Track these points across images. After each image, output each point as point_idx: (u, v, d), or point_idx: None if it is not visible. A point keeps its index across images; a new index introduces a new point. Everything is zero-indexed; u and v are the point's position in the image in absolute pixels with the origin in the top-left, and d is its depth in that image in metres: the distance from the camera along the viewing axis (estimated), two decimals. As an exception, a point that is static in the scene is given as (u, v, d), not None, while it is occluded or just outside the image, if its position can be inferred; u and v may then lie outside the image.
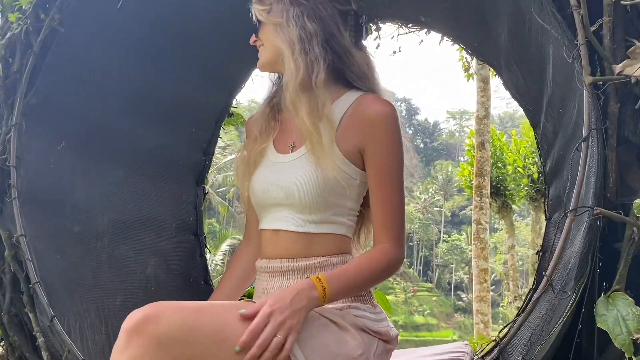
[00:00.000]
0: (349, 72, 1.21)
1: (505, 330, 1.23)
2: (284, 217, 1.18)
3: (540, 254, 1.85)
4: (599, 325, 0.98)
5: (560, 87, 1.46)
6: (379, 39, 2.51)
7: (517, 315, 1.86)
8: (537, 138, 1.93)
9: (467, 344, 1.63)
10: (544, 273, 1.03)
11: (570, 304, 0.99)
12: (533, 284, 1.86)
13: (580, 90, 1.06)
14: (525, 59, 1.62)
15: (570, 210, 1.03)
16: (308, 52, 1.13)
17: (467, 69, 9.34)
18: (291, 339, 0.93)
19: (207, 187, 2.30)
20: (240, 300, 1.48)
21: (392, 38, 2.55)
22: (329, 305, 1.09)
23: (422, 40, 3.08)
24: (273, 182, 1.19)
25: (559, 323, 1.00)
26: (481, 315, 6.96)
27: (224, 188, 29.36)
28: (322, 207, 1.15)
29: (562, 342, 1.09)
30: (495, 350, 1.58)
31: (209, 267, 2.29)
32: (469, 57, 9.35)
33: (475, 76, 8.10)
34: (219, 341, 0.90)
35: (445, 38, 2.17)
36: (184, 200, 2.20)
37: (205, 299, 1.44)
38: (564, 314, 1.00)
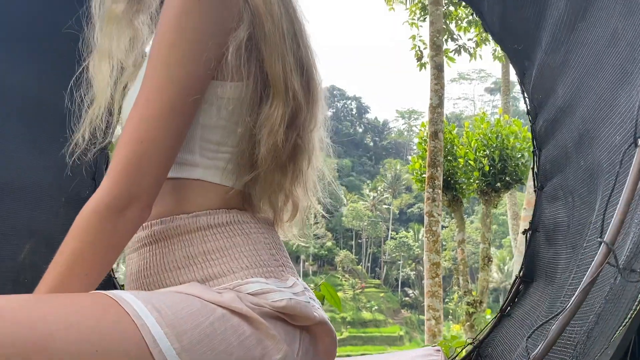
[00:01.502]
0: None
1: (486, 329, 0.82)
2: None
3: (530, 233, 1.48)
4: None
5: (574, 6, 1.09)
6: None
7: (503, 312, 1.49)
8: (524, 87, 1.56)
9: (438, 350, 1.26)
10: (600, 240, 0.63)
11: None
12: (520, 274, 1.49)
13: None
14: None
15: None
16: None
17: (419, 58, 9.15)
18: None
19: (110, 154, 1.80)
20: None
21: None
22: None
23: None
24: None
25: (627, 320, 0.60)
26: (432, 311, 6.73)
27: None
28: None
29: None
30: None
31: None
32: (421, 45, 9.20)
33: (428, 64, 7.90)
34: None
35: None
36: (77, 168, 1.69)
37: None
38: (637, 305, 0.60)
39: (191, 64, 0.77)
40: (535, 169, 1.52)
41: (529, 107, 1.58)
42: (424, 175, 9.58)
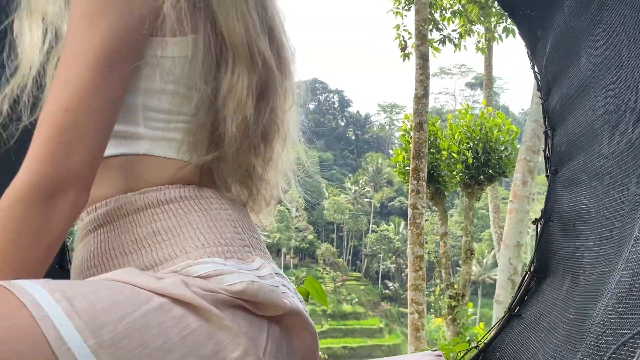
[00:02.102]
0: None
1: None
2: None
3: (541, 223, 1.31)
4: None
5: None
6: None
7: (512, 312, 1.32)
8: (534, 60, 1.39)
9: (440, 355, 1.09)
10: None
11: None
12: (530, 269, 1.32)
13: None
14: None
15: None
16: None
17: (403, 48, 8.99)
18: None
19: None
20: None
21: None
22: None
23: None
24: None
25: None
26: (415, 305, 6.61)
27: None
28: None
29: None
30: None
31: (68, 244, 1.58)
32: (406, 34, 9.04)
33: (413, 54, 7.75)
34: None
35: None
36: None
37: None
38: None
39: (118, 15, 0.64)
40: (548, 152, 1.35)
41: (540, 83, 1.40)
42: (407, 168, 9.46)
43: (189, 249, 0.67)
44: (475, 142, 9.07)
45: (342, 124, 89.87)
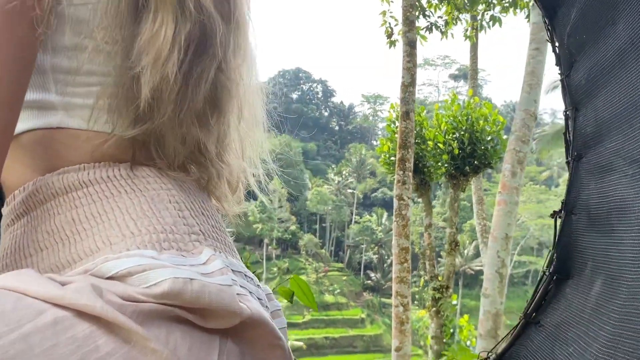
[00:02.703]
0: None
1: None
2: None
3: (563, 217, 1.14)
4: None
5: None
6: None
7: (528, 318, 1.15)
8: (554, 31, 1.22)
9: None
10: None
11: None
12: (549, 269, 1.15)
13: None
14: None
15: None
16: None
17: (389, 35, 8.80)
18: None
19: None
20: None
21: None
22: None
23: None
24: None
25: None
26: (400, 298, 6.49)
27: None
28: None
29: None
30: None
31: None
32: (392, 21, 8.84)
33: (399, 41, 7.56)
34: None
35: None
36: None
37: None
38: None
39: None
40: (568, 135, 1.18)
41: (560, 56, 1.23)
42: (392, 158, 9.32)
43: (114, 240, 0.50)
44: (462, 133, 8.97)
45: (326, 114, 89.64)
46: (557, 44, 1.26)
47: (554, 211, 1.16)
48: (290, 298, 1.51)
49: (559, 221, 1.16)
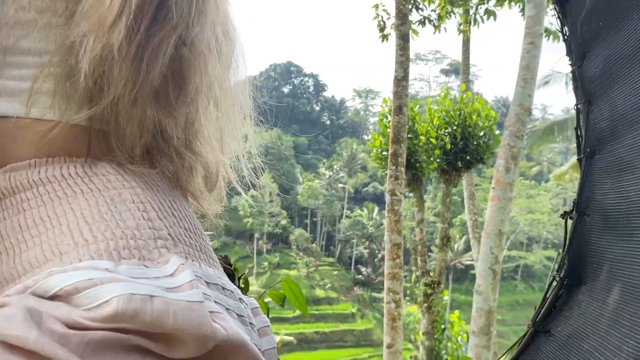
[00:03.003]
0: None
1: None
2: None
3: (575, 216, 1.06)
4: None
5: None
6: None
7: (537, 327, 1.08)
8: (565, 18, 1.13)
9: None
10: None
11: None
12: (559, 273, 1.07)
13: None
14: None
15: None
16: None
17: (382, 29, 8.71)
18: None
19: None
20: None
21: None
22: None
23: None
24: None
25: None
26: (392, 294, 6.43)
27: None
28: None
29: None
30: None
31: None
32: (384, 14, 8.75)
33: (393, 34, 7.47)
34: None
35: None
36: None
37: None
38: None
39: None
40: (580, 130, 1.10)
41: (571, 46, 1.15)
42: (384, 153, 9.24)
43: (65, 248, 0.41)
44: (454, 128, 8.92)
45: (317, 108, 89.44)
46: (567, 33, 1.18)
47: (565, 211, 1.08)
48: (281, 302, 1.43)
49: (569, 222, 1.08)
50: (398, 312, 6.39)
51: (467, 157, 8.91)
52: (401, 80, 6.75)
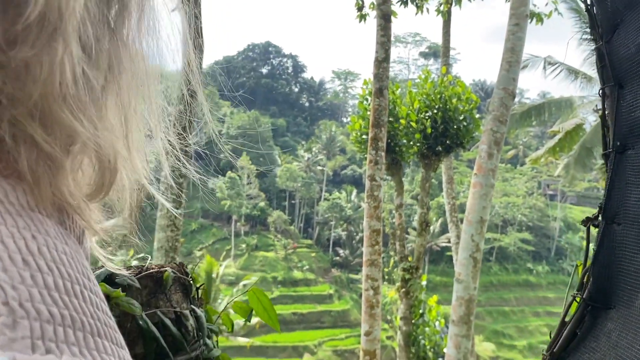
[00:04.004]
0: None
1: None
2: None
3: (602, 224, 0.87)
4: None
5: None
6: None
7: (553, 357, 0.89)
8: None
9: None
10: None
11: None
12: (583, 294, 0.89)
13: None
14: None
15: None
16: None
17: (360, 8, 8.43)
18: None
19: None
20: None
21: None
22: None
23: None
24: None
25: None
26: (371, 281, 6.31)
27: None
28: None
29: None
30: None
31: None
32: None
33: (370, 15, 7.22)
34: None
35: None
36: None
37: None
38: None
39: None
40: (609, 120, 0.91)
41: (597, 16, 0.94)
42: (364, 137, 9.05)
43: None
44: (434, 112, 8.76)
45: (296, 90, 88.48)
46: (590, 2, 0.97)
47: (587, 217, 0.90)
48: (247, 317, 1.22)
49: (599, 232, 0.89)
50: (376, 299, 6.27)
51: (447, 142, 8.78)
52: (382, 61, 6.52)
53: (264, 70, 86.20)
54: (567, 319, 0.89)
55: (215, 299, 28.48)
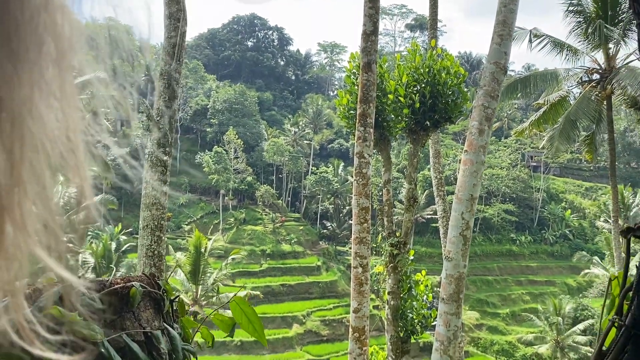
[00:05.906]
0: None
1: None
2: None
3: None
4: None
5: None
6: None
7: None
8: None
9: None
10: None
11: None
12: (621, 319, 0.76)
13: None
14: None
15: None
16: None
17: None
18: None
19: None
20: None
21: None
22: None
23: None
24: None
25: None
26: (360, 259, 6.25)
27: None
28: None
29: None
30: None
31: None
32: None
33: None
34: None
35: None
36: None
37: None
38: None
39: None
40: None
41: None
42: (351, 112, 8.86)
43: None
44: (422, 86, 8.57)
45: (282, 63, 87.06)
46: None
47: (628, 227, 0.76)
48: (230, 331, 1.08)
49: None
50: (365, 277, 6.23)
51: (436, 116, 8.64)
52: (370, 34, 6.30)
53: (249, 43, 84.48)
54: (606, 348, 0.77)
55: (204, 272, 28.45)
